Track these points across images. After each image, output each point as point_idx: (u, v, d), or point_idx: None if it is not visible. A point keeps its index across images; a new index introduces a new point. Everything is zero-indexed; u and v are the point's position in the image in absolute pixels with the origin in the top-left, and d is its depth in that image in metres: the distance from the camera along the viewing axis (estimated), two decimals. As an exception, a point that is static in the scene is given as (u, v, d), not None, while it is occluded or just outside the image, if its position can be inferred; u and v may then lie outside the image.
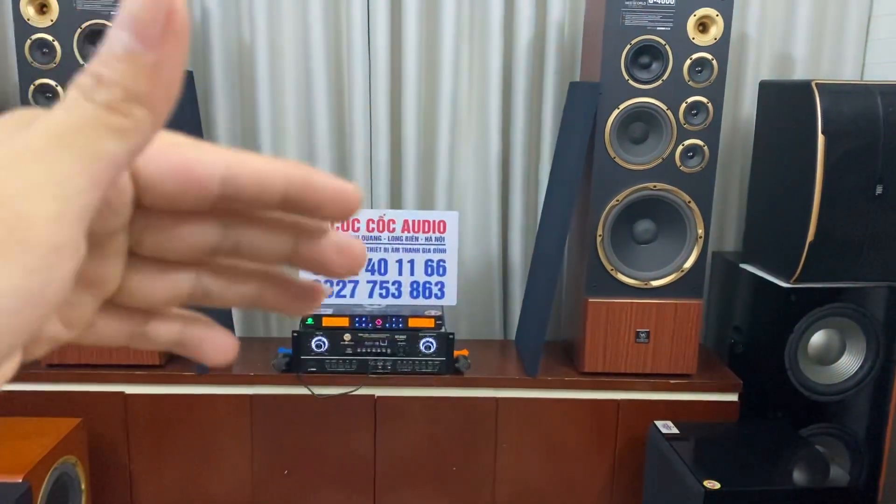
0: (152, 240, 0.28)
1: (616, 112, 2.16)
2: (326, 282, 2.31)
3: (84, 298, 0.28)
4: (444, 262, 2.34)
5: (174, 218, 0.28)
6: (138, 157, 0.26)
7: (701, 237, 2.23)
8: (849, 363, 2.25)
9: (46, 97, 2.11)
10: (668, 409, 2.29)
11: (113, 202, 0.26)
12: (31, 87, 2.09)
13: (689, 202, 2.21)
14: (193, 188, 0.26)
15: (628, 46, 2.12)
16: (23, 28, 2.07)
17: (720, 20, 2.11)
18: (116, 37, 0.23)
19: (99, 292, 0.29)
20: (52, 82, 2.09)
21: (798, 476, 2.03)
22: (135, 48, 0.23)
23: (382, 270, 2.34)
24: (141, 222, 0.28)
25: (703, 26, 2.13)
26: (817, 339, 2.25)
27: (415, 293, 2.34)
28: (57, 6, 2.06)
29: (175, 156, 0.26)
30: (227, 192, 0.27)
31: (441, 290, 2.34)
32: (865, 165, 2.06)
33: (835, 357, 2.27)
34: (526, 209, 2.64)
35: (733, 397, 2.32)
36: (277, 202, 0.27)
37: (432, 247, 2.34)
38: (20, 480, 1.79)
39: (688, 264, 2.24)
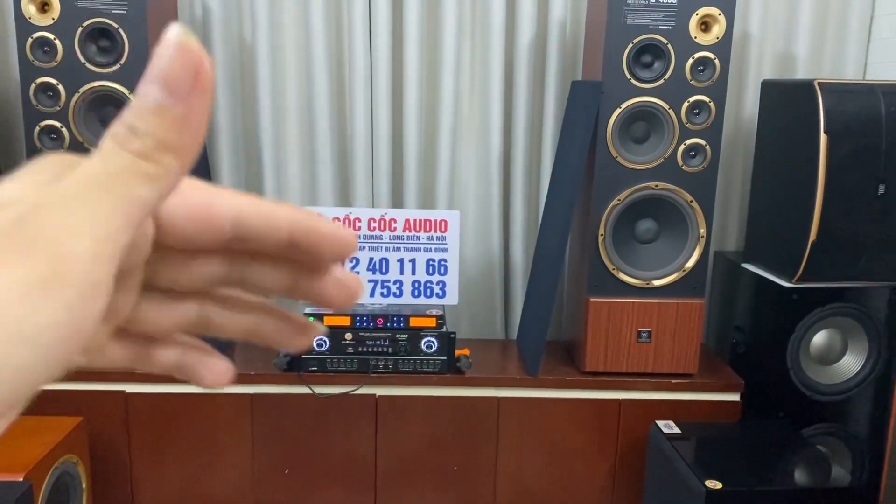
0: (166, 274, 0.31)
1: (618, 111, 2.16)
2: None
3: (100, 328, 0.30)
4: (445, 261, 2.34)
5: (187, 254, 0.31)
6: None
7: (703, 237, 2.22)
8: (851, 363, 2.25)
9: (48, 96, 2.11)
10: (669, 409, 2.28)
11: (138, 242, 0.28)
12: (33, 85, 2.09)
13: (691, 201, 2.21)
14: (210, 230, 0.29)
15: (630, 45, 2.12)
16: (24, 26, 2.07)
17: (722, 19, 2.11)
18: (148, 91, 0.25)
19: (113, 322, 0.31)
20: (54, 81, 2.09)
21: (800, 476, 2.03)
22: (166, 102, 0.25)
23: (384, 270, 2.34)
24: (155, 258, 0.30)
25: (705, 25, 2.13)
26: (819, 338, 2.24)
27: (416, 292, 2.34)
28: (58, 5, 2.06)
29: (192, 199, 0.29)
30: (237, 233, 0.29)
31: (442, 289, 2.34)
32: (868, 165, 2.06)
33: (836, 357, 2.26)
34: (527, 208, 2.63)
35: (735, 397, 2.31)
36: (283, 244, 0.30)
37: (433, 246, 2.34)
38: (21, 479, 1.79)
39: (689, 264, 2.24)
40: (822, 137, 2.04)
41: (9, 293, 0.23)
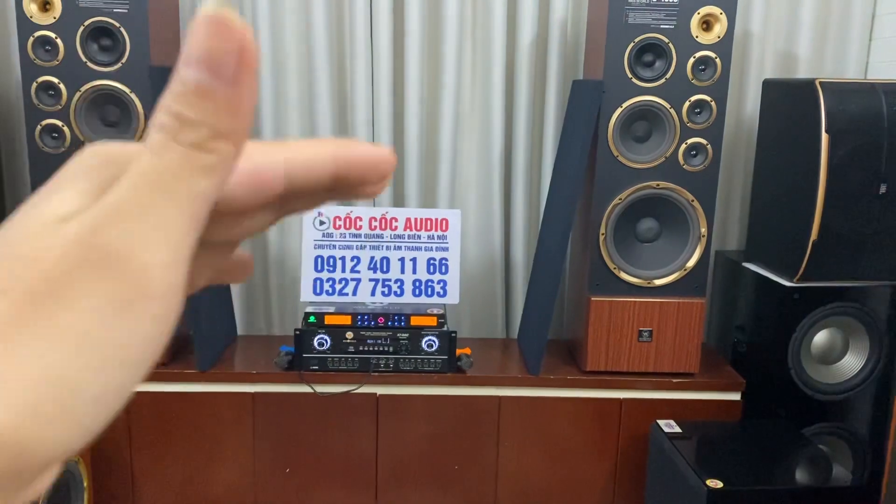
0: (220, 234, 0.30)
1: (619, 110, 2.15)
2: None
3: None
4: (446, 260, 2.34)
5: (239, 214, 0.30)
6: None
7: (704, 236, 2.22)
8: (852, 362, 2.25)
9: (49, 95, 2.11)
10: (670, 408, 2.28)
11: None
12: (34, 84, 2.09)
13: (693, 201, 2.21)
14: (261, 194, 0.28)
15: (632, 44, 2.12)
16: (25, 25, 2.07)
17: (724, 18, 2.11)
18: (190, 75, 0.23)
19: None
20: (55, 79, 2.09)
21: (801, 475, 2.02)
22: (213, 86, 0.23)
23: (385, 269, 2.34)
24: (209, 223, 0.30)
25: (706, 24, 2.13)
26: (820, 338, 2.24)
27: (417, 291, 2.34)
28: (59, 4, 2.06)
29: (241, 168, 0.28)
30: (288, 188, 0.28)
31: (443, 288, 2.34)
32: (869, 164, 2.06)
33: (838, 356, 2.26)
34: (528, 207, 2.63)
35: (736, 396, 2.31)
36: (328, 183, 0.29)
37: (435, 245, 2.34)
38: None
39: (691, 263, 2.24)
40: (824, 137, 2.04)
41: (98, 317, 0.22)
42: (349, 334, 2.25)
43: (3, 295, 0.22)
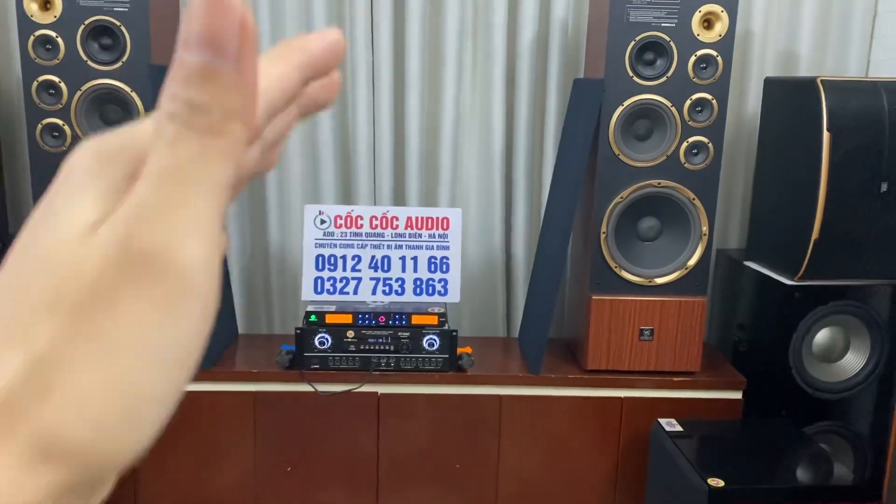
0: None
1: (620, 109, 2.15)
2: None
3: None
4: (447, 259, 2.34)
5: None
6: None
7: (705, 234, 2.22)
8: (853, 361, 2.25)
9: (50, 94, 2.11)
10: (671, 407, 2.28)
11: None
12: (35, 83, 2.09)
13: (694, 199, 2.20)
14: (252, 139, 0.27)
15: (633, 43, 2.11)
16: (26, 24, 2.07)
17: (725, 16, 2.10)
18: (193, 57, 0.23)
19: None
20: (56, 78, 2.09)
21: (802, 474, 2.02)
22: (218, 65, 0.23)
23: (386, 267, 2.33)
24: None
25: (707, 23, 2.13)
26: (821, 336, 2.24)
27: (418, 290, 2.34)
28: (60, 3, 2.06)
29: None
30: (268, 119, 0.28)
31: (444, 287, 2.34)
32: (870, 162, 2.06)
33: (839, 355, 2.26)
34: (529, 206, 2.63)
35: (737, 395, 2.31)
36: (298, 93, 0.28)
37: (436, 244, 2.34)
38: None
39: (692, 262, 2.24)
40: (825, 135, 2.03)
41: (150, 323, 0.23)
42: (350, 333, 2.25)
43: (51, 313, 0.23)
